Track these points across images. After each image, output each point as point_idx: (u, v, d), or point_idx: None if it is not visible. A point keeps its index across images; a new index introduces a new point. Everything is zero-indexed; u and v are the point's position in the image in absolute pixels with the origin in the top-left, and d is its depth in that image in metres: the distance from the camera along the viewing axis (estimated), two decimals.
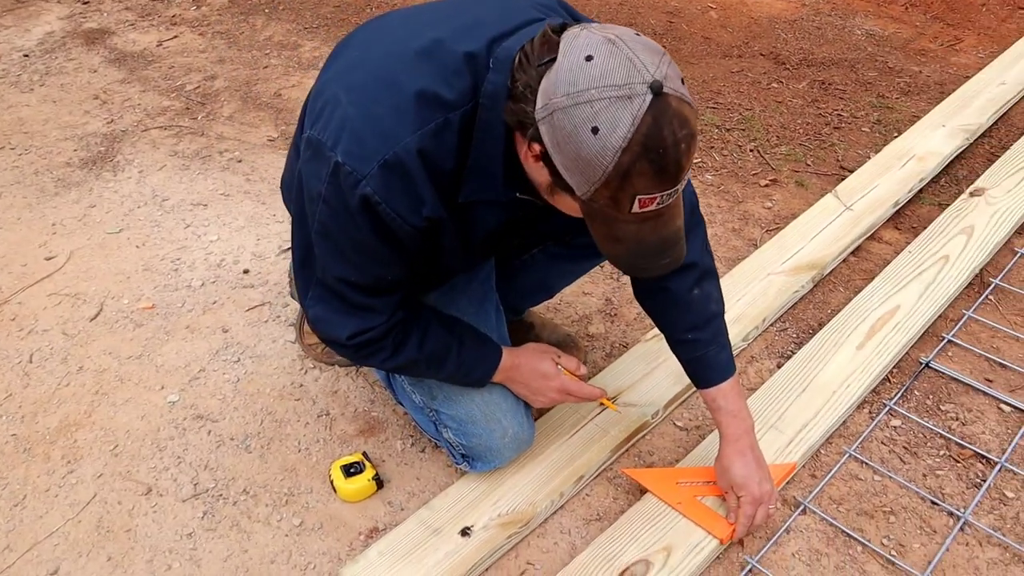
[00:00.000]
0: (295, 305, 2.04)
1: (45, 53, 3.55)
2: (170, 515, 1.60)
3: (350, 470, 1.60)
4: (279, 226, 2.38)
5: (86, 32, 3.66)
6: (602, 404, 1.65)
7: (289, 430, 1.75)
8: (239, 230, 2.37)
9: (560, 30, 1.05)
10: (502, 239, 1.38)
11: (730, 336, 1.83)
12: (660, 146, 0.96)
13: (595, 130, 0.96)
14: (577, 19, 1.24)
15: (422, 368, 1.42)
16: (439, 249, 1.28)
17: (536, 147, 1.04)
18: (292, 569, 1.50)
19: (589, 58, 0.98)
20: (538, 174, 1.10)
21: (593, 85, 0.96)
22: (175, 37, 3.60)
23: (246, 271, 2.21)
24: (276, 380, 1.87)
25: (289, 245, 2.23)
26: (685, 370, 1.53)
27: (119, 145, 2.83)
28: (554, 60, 1.01)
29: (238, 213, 2.43)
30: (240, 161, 2.71)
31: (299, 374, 1.89)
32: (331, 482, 1.61)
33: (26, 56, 3.54)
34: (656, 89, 0.96)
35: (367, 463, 1.61)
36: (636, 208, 1.01)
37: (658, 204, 1.02)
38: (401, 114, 1.12)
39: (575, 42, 1.01)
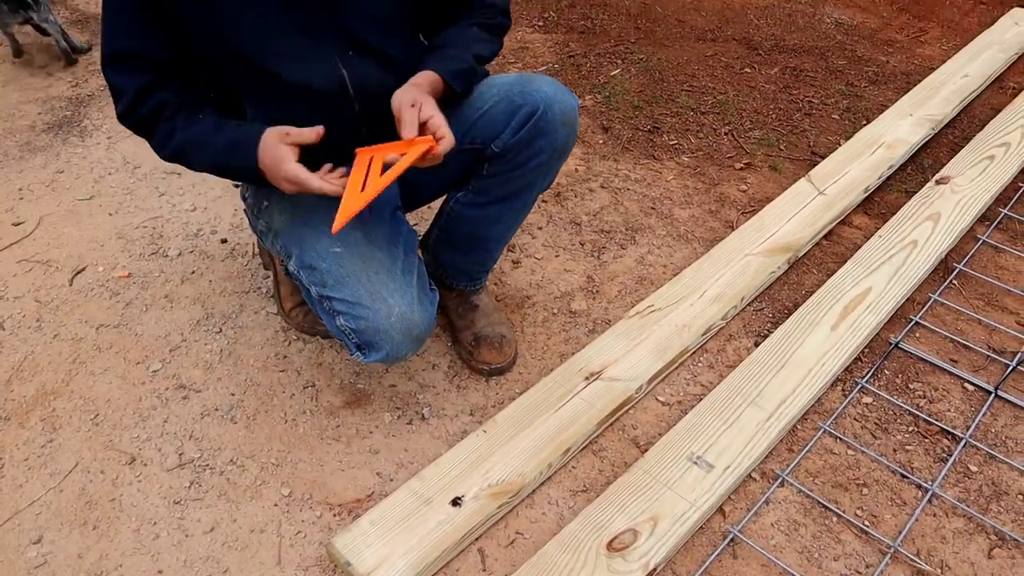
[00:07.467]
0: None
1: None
2: (155, 485, 1.59)
3: None
4: None
5: None
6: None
7: (275, 401, 1.75)
8: (216, 200, 2.33)
9: None
10: None
11: (710, 315, 1.90)
12: None
13: None
14: None
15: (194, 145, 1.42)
16: None
17: None
18: (281, 538, 1.51)
19: None
20: None
21: None
22: None
23: (224, 241, 2.19)
24: (260, 351, 1.86)
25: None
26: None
27: (86, 110, 2.76)
28: None
29: (214, 183, 2.39)
30: None
31: (283, 345, 1.88)
32: None
33: None
34: None
35: None
36: None
37: None
38: None
39: None
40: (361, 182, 1.34)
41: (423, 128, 1.36)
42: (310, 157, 1.55)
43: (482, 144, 1.55)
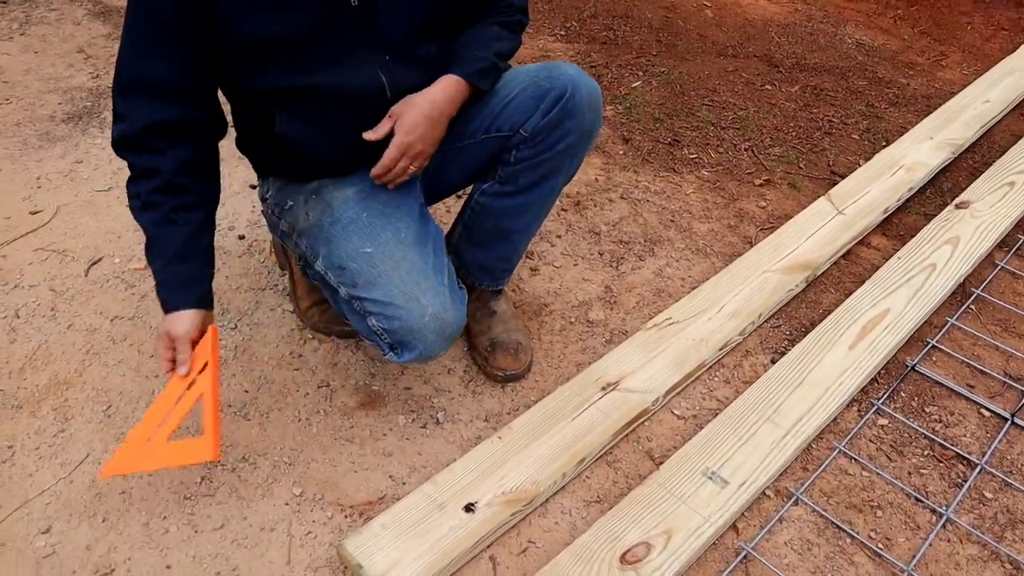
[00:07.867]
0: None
1: (24, 1, 3.44)
2: (166, 479, 1.58)
3: None
4: None
5: None
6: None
7: (289, 400, 1.74)
8: (234, 195, 2.33)
9: None
10: None
11: (728, 330, 1.89)
12: None
13: None
14: None
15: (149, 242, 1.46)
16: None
17: None
18: (291, 538, 1.49)
19: None
20: None
21: None
22: None
23: (241, 237, 2.18)
24: (274, 349, 1.86)
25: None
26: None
27: (106, 101, 2.76)
28: None
29: (233, 179, 2.39)
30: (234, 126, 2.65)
31: (298, 344, 1.87)
32: None
33: (3, 3, 3.42)
34: None
35: None
36: None
37: None
38: None
39: None
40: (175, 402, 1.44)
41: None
42: (342, 152, 1.54)
43: (510, 131, 1.56)
